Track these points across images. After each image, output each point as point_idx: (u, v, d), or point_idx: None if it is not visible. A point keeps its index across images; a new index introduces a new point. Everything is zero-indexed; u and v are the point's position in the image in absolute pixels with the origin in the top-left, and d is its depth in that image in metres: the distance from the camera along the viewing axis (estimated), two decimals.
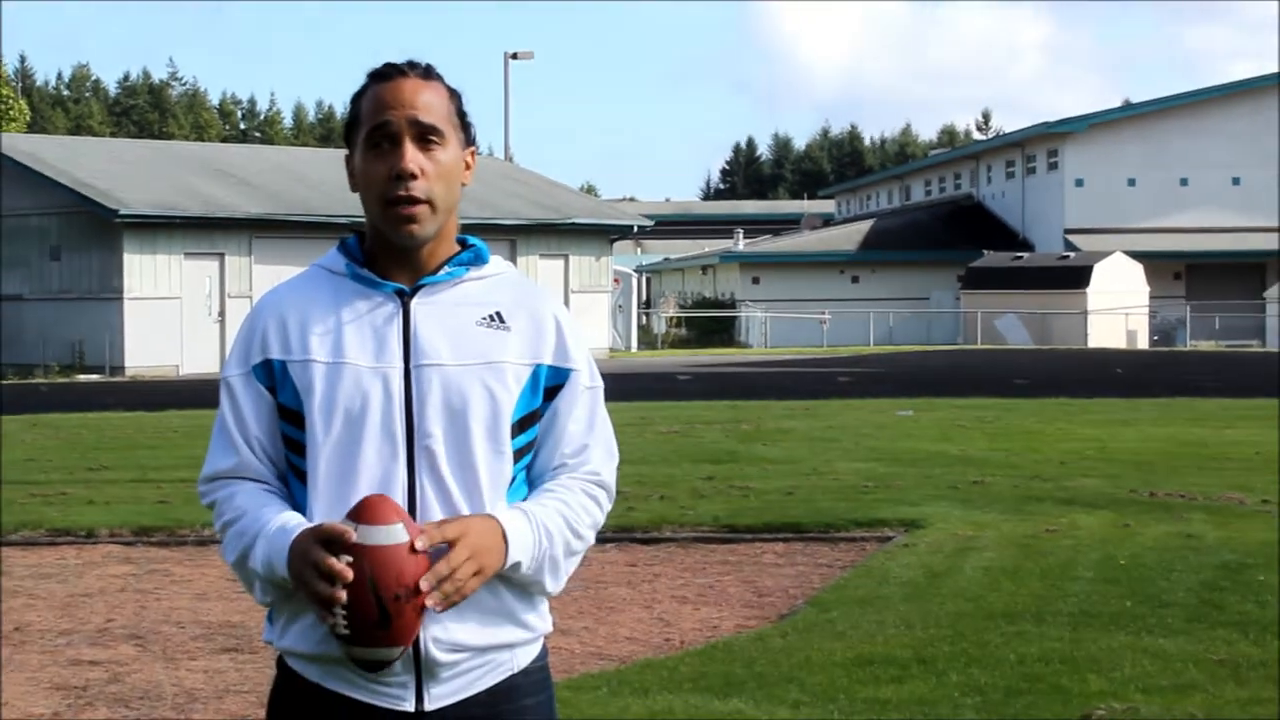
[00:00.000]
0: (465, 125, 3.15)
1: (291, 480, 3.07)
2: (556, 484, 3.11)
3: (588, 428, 3.15)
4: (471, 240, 3.16)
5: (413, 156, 3.03)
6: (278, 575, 2.95)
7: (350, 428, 2.99)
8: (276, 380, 3.05)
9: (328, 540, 2.84)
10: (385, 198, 3.02)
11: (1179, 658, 8.03)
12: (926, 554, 11.30)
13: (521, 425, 3.06)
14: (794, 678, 7.74)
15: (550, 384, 3.10)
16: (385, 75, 3.09)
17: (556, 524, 3.05)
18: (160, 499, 14.27)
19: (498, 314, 3.08)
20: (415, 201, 3.02)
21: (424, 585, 2.84)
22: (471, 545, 2.90)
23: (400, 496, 2.97)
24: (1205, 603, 9.44)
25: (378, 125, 3.04)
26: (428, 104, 3.06)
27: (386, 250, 3.08)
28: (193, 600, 10.22)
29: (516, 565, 2.98)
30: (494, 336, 3.06)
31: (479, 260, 3.13)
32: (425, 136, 3.05)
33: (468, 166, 3.14)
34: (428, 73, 3.11)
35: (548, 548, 3.03)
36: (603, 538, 12.07)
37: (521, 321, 3.09)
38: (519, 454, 3.06)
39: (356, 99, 3.12)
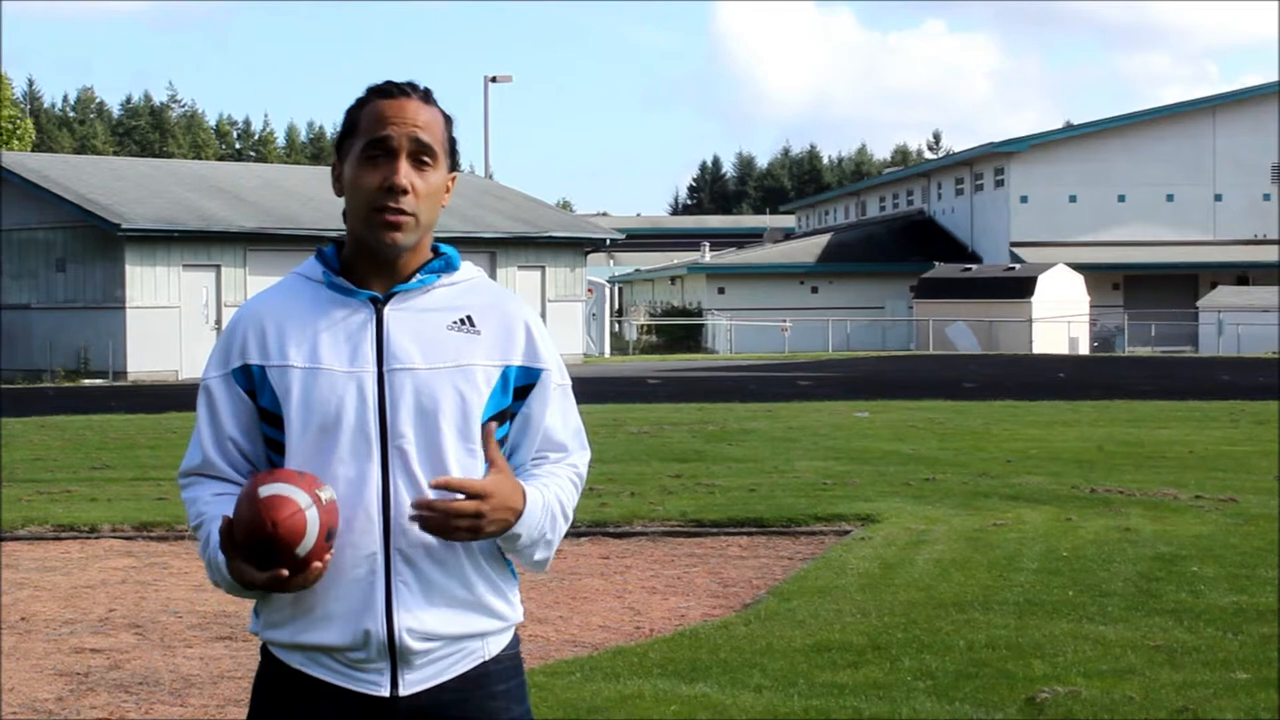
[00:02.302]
0: (453, 151, 3.11)
1: None
2: (547, 471, 3.09)
3: (564, 423, 3.14)
4: (443, 248, 3.12)
5: (406, 172, 2.98)
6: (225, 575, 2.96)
7: (326, 429, 2.96)
8: (256, 384, 3.02)
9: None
10: (374, 206, 2.98)
11: (1118, 644, 8.04)
12: (881, 547, 11.30)
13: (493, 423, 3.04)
14: (757, 663, 7.73)
15: (520, 383, 3.07)
16: (389, 92, 3.04)
17: (557, 507, 3.05)
18: (159, 496, 14.20)
19: (468, 318, 3.05)
20: (402, 214, 2.98)
21: (412, 508, 2.87)
22: (491, 504, 2.88)
23: (375, 495, 2.95)
24: (1142, 592, 9.45)
25: (379, 138, 2.99)
26: (427, 124, 3.02)
27: (363, 258, 3.04)
28: (190, 591, 10.17)
29: (517, 536, 2.97)
30: (464, 340, 3.02)
31: (450, 267, 3.09)
32: (420, 156, 3.01)
33: (447, 189, 3.10)
34: (427, 96, 3.07)
35: (546, 528, 3.02)
36: (577, 531, 12.08)
37: (492, 325, 3.06)
38: None
39: (354, 110, 3.05)
